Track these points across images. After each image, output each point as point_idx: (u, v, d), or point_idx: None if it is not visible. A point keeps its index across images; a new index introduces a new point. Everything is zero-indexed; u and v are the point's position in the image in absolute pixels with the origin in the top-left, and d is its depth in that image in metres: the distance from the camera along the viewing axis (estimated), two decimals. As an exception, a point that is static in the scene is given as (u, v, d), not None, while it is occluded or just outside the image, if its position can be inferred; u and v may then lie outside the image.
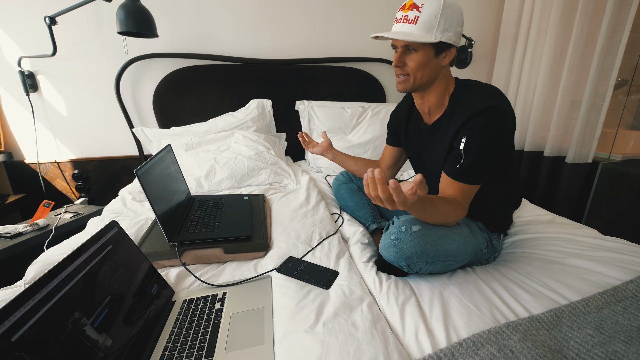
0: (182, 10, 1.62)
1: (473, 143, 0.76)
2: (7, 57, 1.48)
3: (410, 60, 0.79)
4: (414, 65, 0.79)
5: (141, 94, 1.69)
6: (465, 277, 0.80)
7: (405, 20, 0.76)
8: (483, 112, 0.75)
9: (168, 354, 0.58)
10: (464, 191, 0.79)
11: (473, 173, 0.78)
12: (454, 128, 0.80)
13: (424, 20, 0.73)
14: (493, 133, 0.75)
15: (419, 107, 0.92)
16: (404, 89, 0.83)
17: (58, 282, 0.49)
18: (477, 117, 0.75)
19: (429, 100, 0.86)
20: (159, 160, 0.97)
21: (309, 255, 0.88)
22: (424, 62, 0.78)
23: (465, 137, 0.77)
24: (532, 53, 1.79)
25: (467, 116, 0.76)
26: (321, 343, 0.55)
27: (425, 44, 0.76)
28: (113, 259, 0.63)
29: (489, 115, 0.75)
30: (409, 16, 0.75)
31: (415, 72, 0.79)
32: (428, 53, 0.77)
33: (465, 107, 0.78)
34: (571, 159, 1.67)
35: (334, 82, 1.91)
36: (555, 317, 0.62)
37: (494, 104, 0.75)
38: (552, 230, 1.01)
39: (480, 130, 0.75)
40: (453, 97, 0.83)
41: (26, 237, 1.15)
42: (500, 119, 0.76)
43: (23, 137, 1.60)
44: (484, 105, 0.75)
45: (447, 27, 0.75)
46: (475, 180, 0.79)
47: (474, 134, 0.76)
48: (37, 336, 0.42)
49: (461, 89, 0.84)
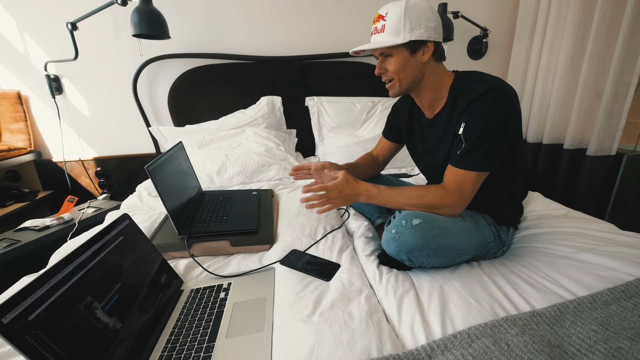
0: (194, 11, 1.67)
1: (472, 126, 0.74)
2: (34, 62, 1.59)
3: (389, 64, 0.82)
4: (393, 69, 0.81)
5: (157, 94, 1.76)
6: (469, 271, 0.79)
7: (375, 32, 0.81)
8: (483, 95, 0.73)
9: (174, 338, 0.62)
10: (456, 176, 0.78)
11: (473, 158, 0.76)
12: (456, 117, 0.79)
13: (390, 26, 0.77)
14: (493, 116, 0.73)
15: (419, 104, 0.92)
16: (395, 92, 0.86)
17: (72, 269, 0.53)
18: (477, 100, 0.74)
19: (425, 97, 0.87)
20: (170, 157, 1.02)
21: (312, 248, 0.90)
22: (402, 63, 0.80)
23: (465, 122, 0.76)
24: (551, 41, 1.71)
25: (467, 101, 0.75)
26: (316, 331, 0.56)
27: (397, 47, 0.79)
28: (124, 248, 0.67)
29: (489, 97, 0.73)
30: (378, 27, 0.80)
31: (398, 74, 0.82)
32: (402, 54, 0.80)
33: (466, 95, 0.77)
34: (593, 151, 1.59)
35: (343, 77, 1.90)
36: (559, 312, 0.61)
37: (494, 87, 0.73)
38: (565, 224, 0.97)
39: (480, 113, 0.74)
40: (453, 88, 0.83)
41: (53, 230, 1.24)
42: (502, 102, 0.73)
43: (50, 137, 1.71)
44: (483, 89, 0.73)
45: (415, 26, 0.76)
46: (476, 165, 0.76)
47: (473, 118, 0.74)
48: (52, 317, 0.46)
49: (461, 80, 0.83)
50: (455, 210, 0.80)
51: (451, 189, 0.78)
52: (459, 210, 0.81)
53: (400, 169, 1.70)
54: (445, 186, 0.79)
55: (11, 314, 0.42)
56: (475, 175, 0.77)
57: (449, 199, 0.78)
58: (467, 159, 0.76)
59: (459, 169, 0.78)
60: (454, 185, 0.78)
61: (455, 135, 0.79)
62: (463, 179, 0.78)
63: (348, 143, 1.69)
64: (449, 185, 0.79)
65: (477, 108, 0.74)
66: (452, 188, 0.78)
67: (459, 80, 0.83)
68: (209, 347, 0.59)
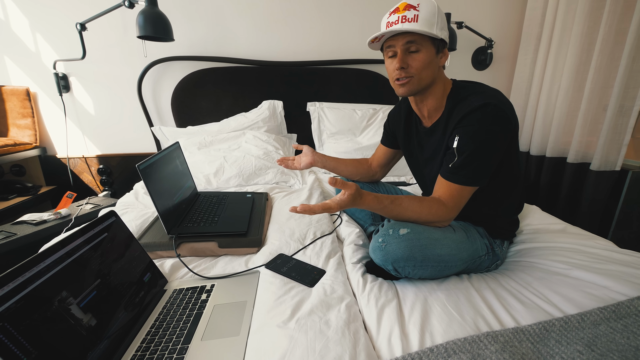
0: (201, 15, 1.70)
1: (466, 141, 0.73)
2: (44, 60, 1.63)
3: (414, 60, 0.76)
4: (418, 65, 0.75)
5: (161, 95, 1.79)
6: (457, 283, 0.77)
7: (404, 20, 0.73)
8: (478, 109, 0.72)
9: (149, 338, 0.61)
10: (452, 192, 0.76)
11: (466, 173, 0.75)
12: (451, 128, 0.78)
13: (424, 18, 0.72)
14: (487, 131, 0.72)
15: (418, 111, 0.89)
16: (409, 91, 0.80)
17: (49, 263, 0.54)
18: (472, 114, 0.73)
19: (428, 103, 0.84)
20: (164, 157, 1.03)
21: (300, 253, 0.89)
22: (428, 61, 0.76)
23: (459, 135, 0.74)
24: (555, 53, 1.69)
25: (462, 114, 0.74)
26: (290, 338, 0.55)
27: (427, 42, 0.74)
28: (107, 245, 0.67)
29: (484, 112, 0.72)
30: (408, 15, 0.73)
31: (421, 73, 0.76)
32: (430, 52, 0.75)
33: (462, 107, 0.76)
34: (597, 166, 1.55)
35: (346, 83, 1.91)
36: (544, 330, 0.58)
37: (490, 101, 0.72)
38: (561, 240, 0.95)
39: (475, 127, 0.72)
40: (450, 97, 0.82)
41: (49, 225, 1.26)
42: (497, 117, 0.72)
43: (55, 133, 1.75)
44: (479, 103, 0.72)
45: (442, 26, 0.75)
46: (468, 180, 0.75)
47: (467, 132, 0.73)
48: (22, 310, 0.46)
49: (459, 89, 0.82)
50: (447, 223, 0.80)
51: (450, 205, 0.77)
52: (448, 223, 0.80)
53: (399, 177, 1.68)
54: (444, 202, 0.77)
55: (-20, 305, 0.42)
56: (466, 190, 0.77)
57: (447, 215, 0.77)
58: (461, 173, 0.75)
59: (453, 183, 0.76)
60: (452, 201, 0.77)
61: (449, 147, 0.78)
62: (460, 194, 0.77)
63: (347, 149, 1.69)
64: (447, 201, 0.77)
65: (471, 122, 0.73)
66: (451, 204, 0.77)
67: (456, 90, 0.82)
68: (183, 349, 0.58)
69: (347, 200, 0.72)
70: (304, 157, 1.13)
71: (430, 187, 0.90)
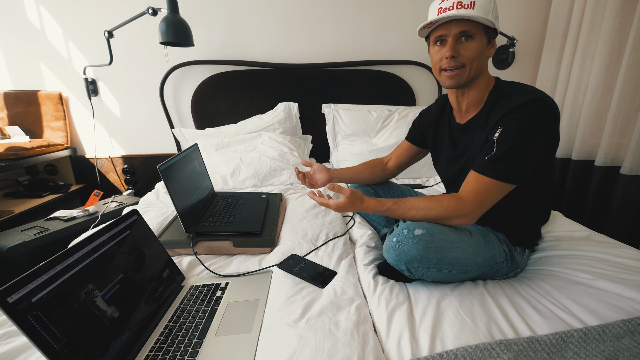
0: (219, 20, 1.75)
1: (509, 133, 0.69)
2: (75, 66, 1.73)
3: (467, 49, 0.72)
4: (471, 55, 0.72)
5: (181, 98, 1.86)
6: (471, 289, 0.75)
7: (459, 6, 0.69)
8: (527, 104, 0.69)
9: (167, 331, 0.64)
10: (479, 185, 0.72)
11: (500, 168, 0.71)
12: (492, 123, 0.74)
13: (480, 4, 0.69)
14: (534, 127, 0.69)
15: (456, 105, 0.86)
16: (458, 82, 0.76)
17: (78, 257, 0.58)
18: (520, 108, 0.69)
19: (470, 96, 0.80)
20: (183, 158, 1.07)
21: (312, 254, 0.90)
22: (480, 50, 0.73)
23: (502, 127, 0.70)
24: (583, 51, 1.61)
25: (509, 108, 0.70)
26: (299, 337, 0.57)
27: (481, 31, 0.72)
28: (129, 242, 0.71)
29: (534, 107, 0.68)
30: (464, 2, 0.69)
31: (472, 62, 0.73)
32: (483, 41, 0.73)
33: (507, 102, 0.72)
34: (628, 169, 1.47)
35: (362, 85, 1.91)
36: (561, 340, 0.57)
37: (541, 97, 0.69)
38: (585, 248, 0.90)
39: (521, 121, 0.69)
40: (493, 94, 0.78)
41: (78, 221, 1.34)
42: (546, 114, 0.69)
43: (85, 135, 1.86)
44: (529, 98, 0.69)
45: (497, 15, 0.72)
46: (500, 175, 0.71)
47: (512, 124, 0.69)
48: (53, 300, 0.50)
49: (502, 86, 0.79)
50: (468, 220, 0.75)
51: (469, 199, 0.73)
52: (472, 221, 0.76)
53: (414, 179, 1.66)
54: (462, 196, 0.74)
55: (16, 295, 0.46)
56: (499, 186, 0.72)
57: (465, 208, 0.73)
58: (495, 166, 0.71)
59: (484, 175, 0.72)
60: (474, 194, 0.73)
61: (488, 140, 0.74)
62: (486, 189, 0.73)
63: (362, 151, 1.69)
64: (467, 195, 0.74)
65: (518, 116, 0.69)
66: (470, 198, 0.73)
67: (500, 87, 0.79)
68: (198, 343, 0.61)
69: (343, 203, 0.78)
70: (319, 174, 1.10)
71: (455, 185, 0.87)
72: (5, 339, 0.60)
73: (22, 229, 1.24)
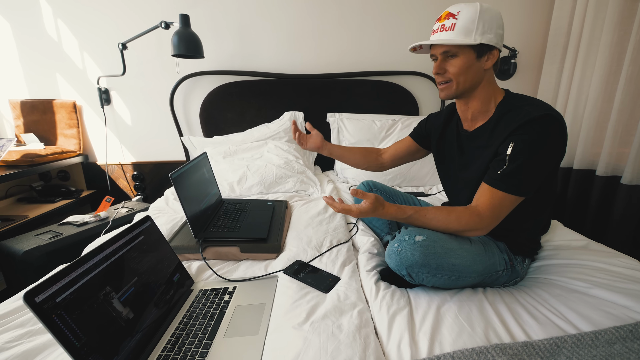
0: (228, 32, 1.81)
1: (522, 148, 0.72)
2: (89, 76, 1.80)
3: (451, 66, 0.79)
4: (455, 71, 0.79)
5: (190, 107, 1.92)
6: (470, 295, 0.78)
7: (442, 29, 0.78)
8: (539, 120, 0.72)
9: (178, 333, 0.68)
10: (493, 200, 0.75)
11: (514, 182, 0.74)
12: (502, 135, 0.77)
13: (461, 25, 0.75)
14: (546, 143, 0.72)
15: (462, 114, 0.90)
16: (447, 95, 0.83)
17: (96, 261, 0.61)
18: (532, 124, 0.72)
19: (473, 106, 0.85)
20: (193, 166, 1.11)
21: (316, 260, 0.93)
22: (466, 66, 0.78)
23: (514, 142, 0.73)
24: (583, 63, 1.64)
25: (519, 123, 0.73)
26: (304, 339, 0.59)
27: (465, 48, 0.77)
28: (143, 247, 0.75)
29: (545, 123, 0.72)
30: (446, 24, 0.77)
31: (458, 77, 0.79)
32: (469, 57, 0.77)
33: (518, 115, 0.75)
34: (629, 179, 1.49)
35: (366, 95, 1.95)
36: (555, 345, 0.59)
37: (551, 113, 0.72)
38: (583, 257, 0.92)
39: (534, 137, 0.72)
40: (502, 105, 0.82)
41: (90, 226, 1.38)
42: (557, 130, 0.72)
43: (96, 142, 1.92)
44: (539, 113, 0.72)
45: (487, 29, 0.75)
46: (514, 189, 0.74)
47: (524, 140, 0.72)
48: (75, 301, 0.54)
49: (512, 98, 0.82)
50: (483, 232, 0.79)
51: (486, 214, 0.76)
52: (486, 232, 0.80)
53: (417, 187, 1.69)
54: (479, 212, 0.77)
55: (43, 295, 0.50)
56: (511, 199, 0.76)
57: (481, 223, 0.77)
58: (509, 181, 0.74)
59: (497, 189, 0.75)
60: (490, 209, 0.76)
61: (498, 154, 0.77)
62: (500, 202, 0.76)
63: (365, 159, 1.72)
64: (483, 210, 0.77)
65: (530, 132, 0.72)
66: (487, 213, 0.76)
67: (509, 99, 0.82)
68: (207, 344, 0.64)
69: (367, 208, 0.78)
70: (311, 139, 1.16)
71: (460, 194, 0.91)
72: (28, 337, 0.64)
73: (37, 234, 1.29)
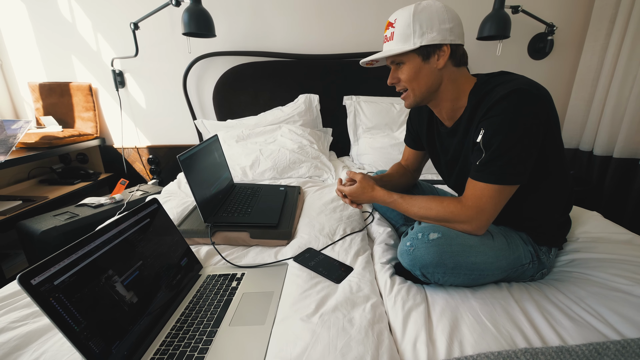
0: (241, 10, 1.75)
1: (491, 133, 0.66)
2: (104, 58, 1.80)
3: (401, 73, 0.77)
4: (406, 78, 0.76)
5: (203, 89, 1.88)
6: (494, 292, 0.71)
7: (386, 40, 0.77)
8: (505, 98, 0.64)
9: (183, 319, 0.66)
10: (475, 191, 0.69)
11: (493, 170, 0.66)
12: (475, 123, 0.71)
13: (399, 33, 0.73)
14: (515, 120, 0.63)
15: (438, 115, 0.85)
16: (410, 103, 0.81)
17: (99, 243, 0.59)
18: (498, 104, 0.65)
19: (443, 107, 0.80)
20: (203, 149, 1.08)
21: (328, 248, 0.89)
22: (414, 71, 0.75)
23: (484, 128, 0.67)
24: (632, 39, 1.47)
25: (487, 105, 0.67)
26: (312, 332, 0.55)
27: (409, 54, 0.73)
28: (149, 230, 0.72)
29: (511, 100, 0.64)
30: (387, 35, 0.76)
31: (411, 84, 0.77)
32: (414, 61, 0.74)
33: (489, 99, 0.68)
34: (678, 169, 1.34)
35: (384, 76, 1.83)
36: (595, 352, 0.52)
37: (519, 87, 0.64)
38: (626, 252, 0.83)
39: (500, 117, 0.64)
40: (473, 93, 0.74)
41: (106, 208, 1.40)
42: (525, 104, 0.63)
43: (113, 125, 1.93)
44: (505, 91, 0.64)
45: (426, 29, 0.71)
46: (494, 178, 0.67)
47: (492, 123, 0.65)
48: (75, 284, 0.52)
49: (482, 84, 0.74)
50: (472, 227, 0.70)
51: (468, 203, 0.70)
52: (477, 229, 0.71)
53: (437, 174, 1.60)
54: (462, 200, 0.72)
55: (40, 277, 0.48)
56: (495, 189, 0.68)
57: (463, 214, 0.70)
58: (486, 170, 0.68)
59: (478, 181, 0.69)
60: (472, 200, 0.70)
61: (475, 144, 0.70)
62: (482, 194, 0.69)
63: (383, 145, 1.64)
64: (466, 200, 0.71)
65: (497, 112, 0.65)
66: (468, 203, 0.70)
67: (479, 85, 0.74)
68: (212, 332, 0.61)
69: (355, 189, 0.85)
70: None
71: (460, 188, 0.85)
72: (33, 318, 0.63)
73: (55, 214, 1.32)
